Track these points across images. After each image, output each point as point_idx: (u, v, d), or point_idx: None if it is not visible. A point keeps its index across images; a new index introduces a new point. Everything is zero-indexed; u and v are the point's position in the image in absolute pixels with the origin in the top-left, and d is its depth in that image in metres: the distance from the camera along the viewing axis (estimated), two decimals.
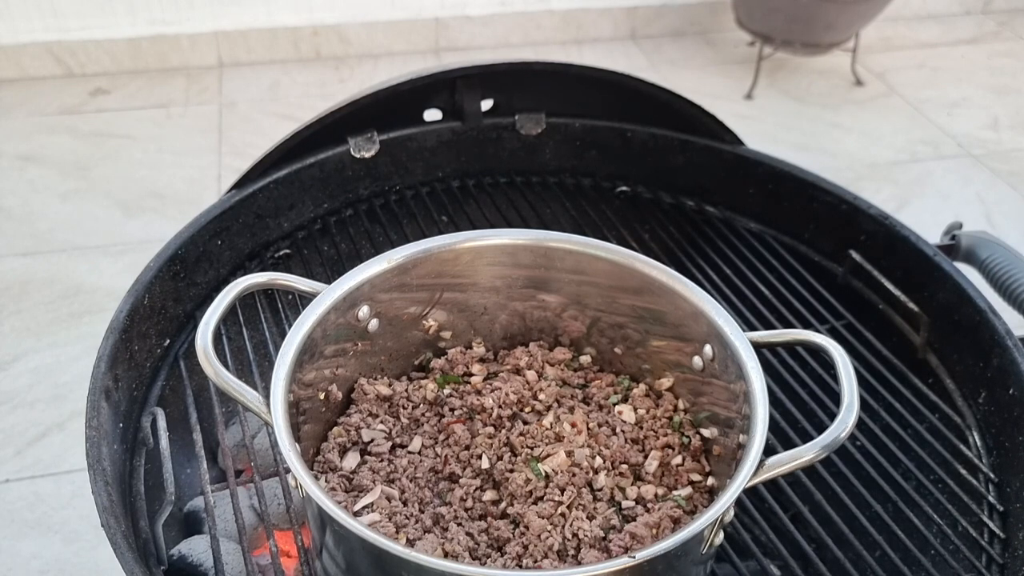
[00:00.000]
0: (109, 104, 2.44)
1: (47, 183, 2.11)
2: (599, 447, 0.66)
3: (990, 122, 2.50)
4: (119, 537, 0.61)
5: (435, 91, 1.02)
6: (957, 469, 0.76)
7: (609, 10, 2.82)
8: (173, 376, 0.83)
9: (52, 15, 2.47)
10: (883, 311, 0.91)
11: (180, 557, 0.72)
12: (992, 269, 0.92)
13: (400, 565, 0.50)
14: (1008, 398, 0.77)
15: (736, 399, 0.61)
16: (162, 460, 0.70)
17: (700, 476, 0.65)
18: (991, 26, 3.07)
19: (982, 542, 0.71)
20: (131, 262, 1.83)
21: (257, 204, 0.94)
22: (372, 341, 0.69)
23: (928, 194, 2.20)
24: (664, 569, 0.53)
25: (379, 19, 2.68)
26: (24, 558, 1.31)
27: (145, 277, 0.82)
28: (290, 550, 0.77)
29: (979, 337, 0.81)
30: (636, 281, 0.68)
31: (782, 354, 0.86)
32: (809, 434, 0.76)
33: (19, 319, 1.73)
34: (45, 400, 1.56)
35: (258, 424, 0.88)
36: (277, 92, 2.53)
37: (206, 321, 0.59)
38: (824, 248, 0.98)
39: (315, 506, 0.53)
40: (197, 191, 2.08)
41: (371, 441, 0.67)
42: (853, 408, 0.56)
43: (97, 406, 0.70)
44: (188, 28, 2.57)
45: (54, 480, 1.43)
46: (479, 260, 0.71)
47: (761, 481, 0.54)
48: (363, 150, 1.00)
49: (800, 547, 0.70)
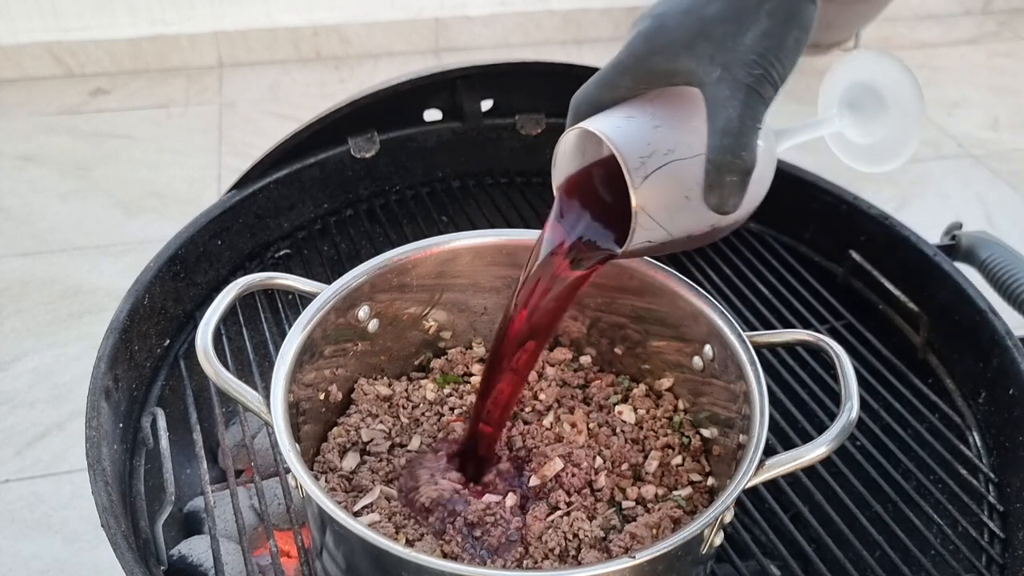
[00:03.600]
0: (109, 104, 2.44)
1: (47, 183, 2.10)
2: (599, 447, 0.66)
3: (990, 122, 2.50)
4: (119, 537, 0.61)
5: (435, 91, 1.02)
6: (957, 469, 0.76)
7: (609, 10, 2.82)
8: (173, 376, 0.83)
9: (52, 15, 2.47)
10: (883, 311, 0.91)
11: (180, 557, 0.72)
12: (992, 269, 0.92)
13: (400, 565, 0.50)
14: (1008, 398, 0.77)
15: (736, 399, 0.61)
16: (162, 460, 0.70)
17: (700, 476, 0.65)
18: (991, 26, 3.07)
19: (982, 542, 0.71)
20: (131, 262, 1.83)
21: (257, 204, 0.94)
22: (372, 341, 0.69)
23: (928, 194, 2.20)
24: (664, 569, 0.53)
25: (379, 19, 2.68)
26: (24, 558, 1.31)
27: (145, 277, 0.82)
28: (290, 550, 0.77)
29: (979, 337, 0.81)
30: (636, 281, 0.68)
31: (782, 354, 0.86)
32: (809, 434, 0.76)
33: (19, 319, 1.72)
34: (45, 400, 1.56)
35: (258, 424, 0.88)
36: (277, 92, 2.52)
37: (206, 321, 0.59)
38: (824, 248, 0.98)
39: (315, 506, 0.53)
40: (197, 191, 2.08)
41: (370, 441, 0.67)
42: (853, 408, 0.56)
43: (97, 406, 0.70)
44: (188, 28, 2.56)
45: (54, 480, 1.43)
46: (479, 260, 0.71)
47: (761, 481, 0.54)
48: (363, 150, 1.00)
49: (800, 547, 0.70)
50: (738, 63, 0.49)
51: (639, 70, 0.52)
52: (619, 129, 0.52)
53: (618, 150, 0.50)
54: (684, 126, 0.52)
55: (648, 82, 0.53)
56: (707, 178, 0.49)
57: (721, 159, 0.48)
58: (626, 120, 0.52)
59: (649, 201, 0.50)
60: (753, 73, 0.48)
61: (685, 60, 0.50)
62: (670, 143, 0.51)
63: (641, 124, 0.52)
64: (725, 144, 0.48)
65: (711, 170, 0.49)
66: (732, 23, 0.49)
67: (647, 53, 0.52)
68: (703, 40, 0.50)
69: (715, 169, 0.49)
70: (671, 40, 0.51)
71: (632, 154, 0.50)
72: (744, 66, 0.48)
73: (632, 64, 0.52)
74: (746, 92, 0.48)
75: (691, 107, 0.52)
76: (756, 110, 0.48)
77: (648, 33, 0.52)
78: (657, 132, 0.51)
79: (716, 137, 0.48)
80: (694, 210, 0.52)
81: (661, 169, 0.50)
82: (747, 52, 0.48)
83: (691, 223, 0.53)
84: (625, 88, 0.53)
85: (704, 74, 0.50)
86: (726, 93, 0.48)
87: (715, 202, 0.50)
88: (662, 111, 0.53)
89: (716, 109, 0.49)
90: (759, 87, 0.48)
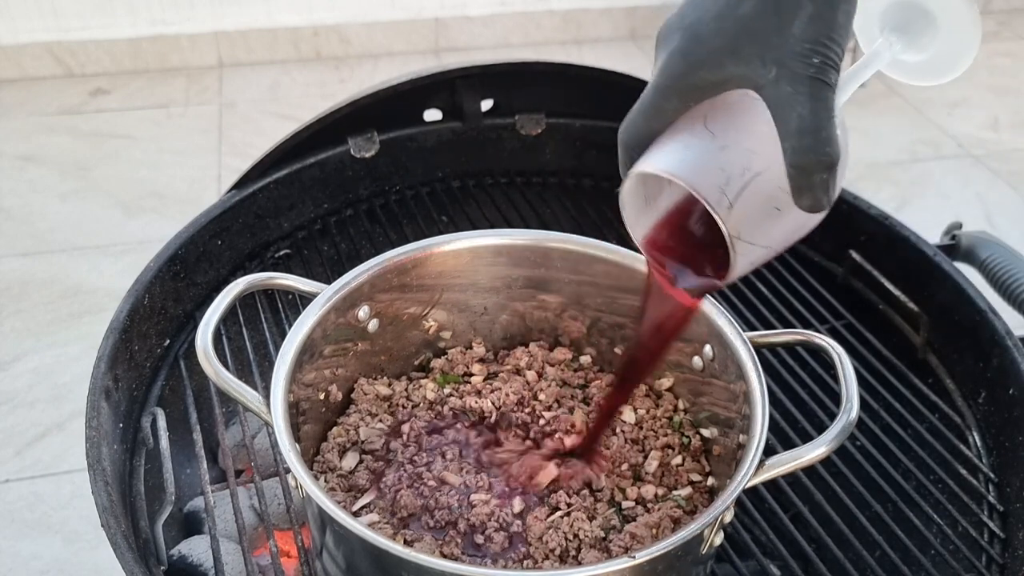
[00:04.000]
0: (109, 104, 2.44)
1: (47, 183, 2.10)
2: (599, 447, 0.66)
3: (990, 122, 2.50)
4: (119, 537, 0.61)
5: (435, 91, 1.02)
6: (957, 469, 0.76)
7: (609, 10, 2.82)
8: (173, 376, 0.83)
9: (52, 15, 2.47)
10: (883, 311, 0.91)
11: (180, 557, 0.72)
12: (992, 269, 0.92)
13: (400, 565, 0.50)
14: (1008, 398, 0.77)
15: (736, 399, 0.61)
16: (162, 460, 0.70)
17: (700, 476, 0.66)
18: (991, 26, 3.07)
19: (982, 542, 0.71)
20: (131, 262, 1.83)
21: (257, 204, 0.94)
22: (372, 341, 0.69)
23: (928, 194, 2.20)
24: (664, 569, 0.53)
25: (379, 19, 2.68)
26: (24, 558, 1.31)
27: (145, 277, 0.82)
28: (290, 550, 0.77)
29: (979, 337, 0.81)
30: (636, 281, 0.68)
31: (782, 354, 0.86)
32: (809, 434, 0.76)
33: (19, 319, 1.72)
34: (45, 400, 1.56)
35: (258, 424, 0.88)
36: (277, 92, 2.53)
37: (206, 321, 0.59)
38: (824, 248, 0.98)
39: (315, 506, 0.53)
40: (197, 191, 2.08)
41: (367, 440, 0.67)
42: (853, 408, 0.56)
43: (97, 406, 0.70)
44: (188, 28, 2.56)
45: (54, 480, 1.43)
46: (479, 260, 0.71)
47: (761, 481, 0.54)
48: (363, 150, 1.00)
49: (800, 547, 0.70)
50: (793, 56, 0.45)
51: (684, 89, 0.49)
52: (685, 163, 0.48)
53: (694, 188, 0.47)
54: (750, 137, 0.48)
55: (697, 99, 0.49)
56: (794, 183, 0.46)
57: (804, 160, 0.45)
58: (686, 150, 0.49)
59: (742, 227, 0.47)
60: (812, 63, 0.45)
61: (733, 67, 0.47)
62: (743, 161, 0.48)
63: (704, 149, 0.48)
64: (805, 144, 0.45)
65: (795, 175, 0.46)
66: (773, 16, 0.46)
67: (688, 70, 0.48)
68: (747, 41, 0.46)
69: (800, 173, 0.46)
70: (712, 50, 0.47)
71: (709, 188, 0.47)
72: (800, 58, 0.45)
73: (675, 85, 0.49)
74: (811, 84, 0.45)
75: (748, 113, 0.48)
76: (827, 100, 0.45)
77: (684, 49, 0.48)
78: (725, 153, 0.48)
79: (793, 139, 0.45)
80: (787, 217, 0.49)
81: (744, 192, 0.47)
82: (799, 42, 0.45)
83: (788, 230, 0.50)
84: (673, 111, 0.50)
85: (758, 76, 0.46)
86: (788, 91, 0.45)
87: (809, 204, 0.47)
88: (720, 127, 0.49)
89: (783, 110, 0.46)
90: (823, 75, 0.45)
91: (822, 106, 0.45)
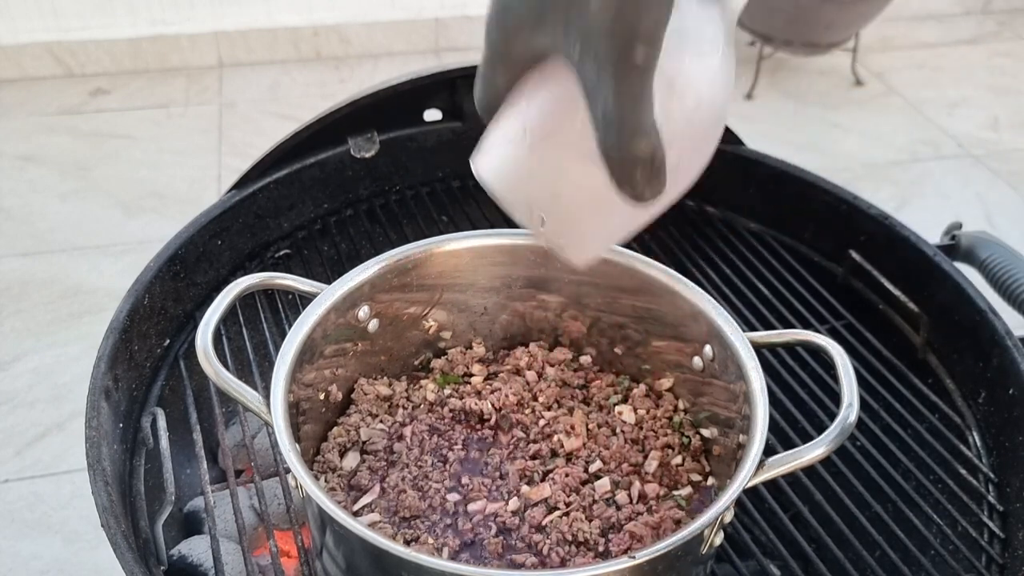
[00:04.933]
0: (109, 104, 2.44)
1: (47, 183, 2.11)
2: (599, 448, 0.66)
3: (990, 122, 2.50)
4: (119, 537, 0.61)
5: (435, 91, 1.02)
6: (957, 469, 0.76)
7: None
8: (173, 376, 0.83)
9: (52, 15, 2.47)
10: (883, 311, 0.91)
11: (180, 557, 0.72)
12: (992, 269, 0.92)
13: (400, 565, 0.50)
14: (1008, 398, 0.77)
15: (736, 399, 0.61)
16: (162, 460, 0.70)
17: (700, 476, 0.66)
18: (991, 26, 3.07)
19: (982, 542, 0.71)
20: (131, 262, 1.83)
21: (257, 204, 0.94)
22: (372, 341, 0.69)
23: (928, 194, 2.20)
24: (664, 569, 0.53)
25: (379, 19, 2.68)
26: (24, 558, 1.31)
27: (145, 277, 0.82)
28: (290, 550, 0.77)
29: (979, 337, 0.81)
30: (636, 281, 0.68)
31: (782, 354, 0.86)
32: (809, 434, 0.76)
33: (19, 319, 1.73)
34: (45, 400, 1.56)
35: (258, 424, 0.88)
36: (277, 92, 2.53)
37: (206, 321, 0.59)
38: (824, 248, 0.98)
39: (315, 506, 0.53)
40: (197, 191, 2.08)
41: (369, 440, 0.67)
42: (853, 408, 0.56)
43: (97, 406, 0.70)
44: (188, 28, 2.56)
45: (54, 480, 1.43)
46: (479, 260, 0.71)
47: (761, 481, 0.54)
48: (363, 150, 1.00)
49: (800, 547, 0.70)
50: (595, 33, 0.39)
51: (504, 60, 0.44)
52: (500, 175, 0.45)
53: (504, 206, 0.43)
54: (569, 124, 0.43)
55: (521, 68, 0.44)
56: (611, 175, 0.42)
57: (614, 155, 0.40)
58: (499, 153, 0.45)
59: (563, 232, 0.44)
60: (614, 42, 0.38)
61: (541, 37, 0.41)
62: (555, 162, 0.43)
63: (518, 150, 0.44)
64: (610, 138, 0.40)
65: (609, 166, 0.41)
66: None
67: (503, 38, 0.43)
68: (549, 10, 0.40)
69: (613, 165, 0.41)
70: (519, 18, 0.42)
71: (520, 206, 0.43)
72: (602, 36, 0.38)
73: (494, 55, 0.44)
74: (614, 67, 0.38)
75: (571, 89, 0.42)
76: (633, 85, 0.39)
77: (496, 16, 0.43)
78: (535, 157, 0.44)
79: (600, 131, 0.40)
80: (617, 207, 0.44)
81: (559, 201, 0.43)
82: (599, 18, 0.38)
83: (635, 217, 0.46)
84: (505, 82, 0.45)
85: (567, 51, 0.41)
86: (593, 74, 0.39)
87: (632, 196, 0.42)
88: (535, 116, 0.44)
89: (590, 94, 0.40)
90: (628, 55, 0.38)
91: (627, 92, 0.39)
